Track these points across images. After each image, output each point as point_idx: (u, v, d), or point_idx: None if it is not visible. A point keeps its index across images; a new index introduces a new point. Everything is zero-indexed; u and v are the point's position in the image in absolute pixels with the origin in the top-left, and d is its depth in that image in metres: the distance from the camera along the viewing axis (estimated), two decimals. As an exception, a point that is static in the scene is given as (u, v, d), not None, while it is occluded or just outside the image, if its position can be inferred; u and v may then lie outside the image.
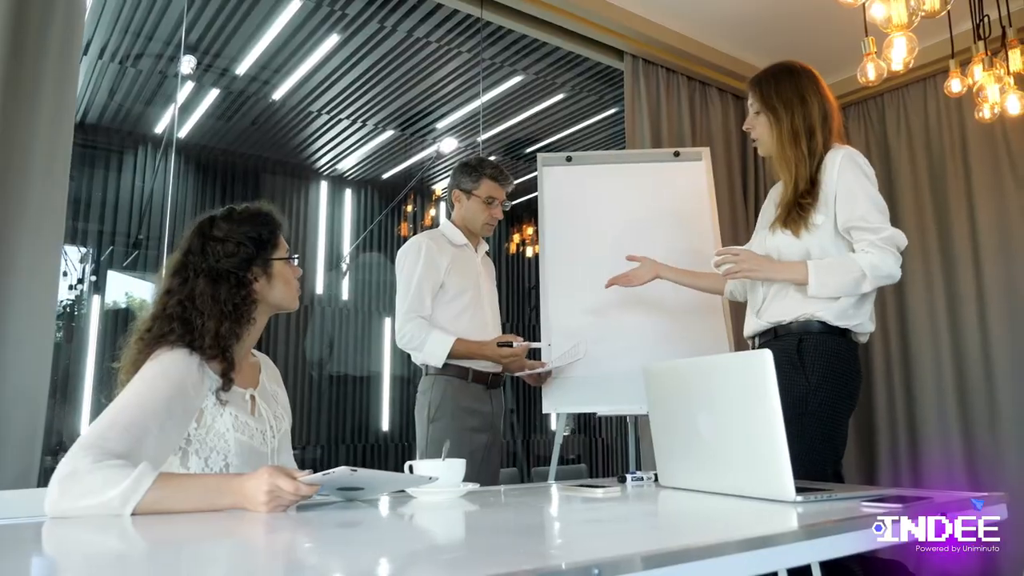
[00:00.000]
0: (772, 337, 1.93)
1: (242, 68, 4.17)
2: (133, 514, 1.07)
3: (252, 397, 1.44)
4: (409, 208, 6.23)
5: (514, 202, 2.57)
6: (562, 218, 2.85)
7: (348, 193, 6.20)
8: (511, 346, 2.42)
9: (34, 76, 2.06)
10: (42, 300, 2.00)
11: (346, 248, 6.23)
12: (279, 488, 1.10)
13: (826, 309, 1.84)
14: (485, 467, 2.40)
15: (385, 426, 6.10)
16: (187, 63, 3.92)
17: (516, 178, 5.56)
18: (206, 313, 1.34)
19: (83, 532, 1.03)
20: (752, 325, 2.02)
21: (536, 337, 2.66)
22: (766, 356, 1.20)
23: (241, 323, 1.39)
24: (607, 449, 7.06)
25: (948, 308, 3.74)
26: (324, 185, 6.08)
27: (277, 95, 4.53)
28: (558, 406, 2.59)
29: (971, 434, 3.59)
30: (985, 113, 2.72)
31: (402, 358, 6.26)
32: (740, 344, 2.88)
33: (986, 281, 3.62)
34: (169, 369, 1.27)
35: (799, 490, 1.17)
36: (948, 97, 3.67)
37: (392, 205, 6.35)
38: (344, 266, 6.23)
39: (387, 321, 6.30)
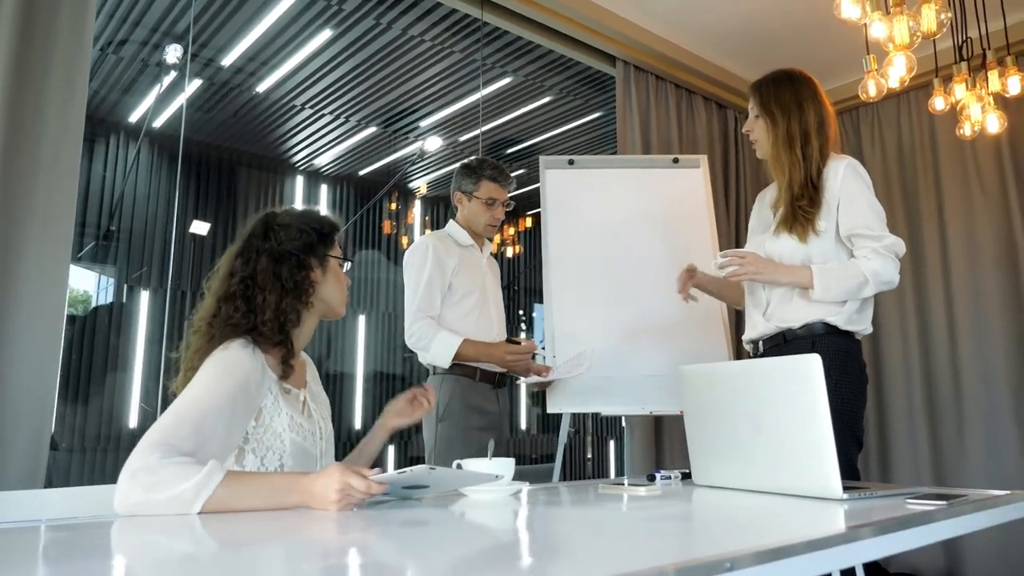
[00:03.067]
0: (781, 342, 1.99)
1: (229, 59, 4.08)
2: (200, 513, 1.06)
3: (304, 398, 1.43)
4: (393, 206, 6.18)
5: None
6: (565, 221, 2.89)
7: (324, 189, 6.13)
8: (519, 344, 2.46)
9: (43, 67, 1.99)
10: (51, 297, 1.94)
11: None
12: (350, 486, 1.10)
13: (836, 314, 1.91)
14: (492, 466, 2.43)
15: (358, 424, 6.04)
16: (173, 52, 3.82)
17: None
18: (267, 289, 1.36)
19: (151, 533, 1.01)
20: (759, 328, 2.05)
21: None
22: (815, 360, 1.25)
23: (300, 300, 1.40)
24: (576, 449, 7.14)
25: (918, 314, 3.91)
26: (300, 180, 6.00)
27: (261, 88, 4.45)
28: (563, 406, 2.63)
29: (938, 436, 3.75)
30: (966, 131, 2.84)
31: (376, 357, 6.21)
32: (739, 348, 2.96)
33: (954, 288, 3.79)
34: (234, 367, 1.27)
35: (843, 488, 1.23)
36: (921, 112, 3.84)
37: (372, 203, 6.29)
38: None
39: (360, 319, 6.24)
